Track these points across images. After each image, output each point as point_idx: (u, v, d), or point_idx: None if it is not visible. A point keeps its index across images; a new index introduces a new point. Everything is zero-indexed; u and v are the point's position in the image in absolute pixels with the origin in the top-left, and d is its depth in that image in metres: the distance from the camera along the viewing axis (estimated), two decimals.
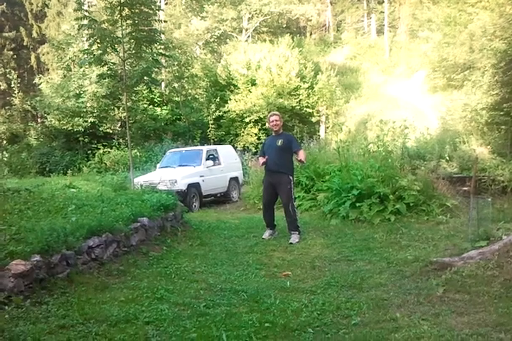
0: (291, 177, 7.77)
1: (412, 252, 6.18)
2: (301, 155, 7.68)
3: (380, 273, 5.41)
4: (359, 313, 4.16)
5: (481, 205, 6.74)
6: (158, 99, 24.63)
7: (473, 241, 5.72)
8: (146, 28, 11.94)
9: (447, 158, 14.32)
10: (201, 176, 12.86)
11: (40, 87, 24.35)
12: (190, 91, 25.90)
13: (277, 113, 8.18)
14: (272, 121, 7.83)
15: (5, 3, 32.98)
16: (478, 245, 5.48)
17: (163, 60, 18.53)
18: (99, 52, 11.65)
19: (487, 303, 4.14)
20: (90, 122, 22.04)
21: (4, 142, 24.99)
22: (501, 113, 15.26)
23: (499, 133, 16.02)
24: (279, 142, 7.67)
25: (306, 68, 26.13)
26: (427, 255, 5.83)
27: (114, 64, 12.35)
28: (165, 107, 24.67)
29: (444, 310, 4.10)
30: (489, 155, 15.12)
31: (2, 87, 32.25)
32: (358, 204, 8.82)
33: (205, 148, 14.51)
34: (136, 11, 11.42)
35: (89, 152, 22.15)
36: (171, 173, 12.45)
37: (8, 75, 27.56)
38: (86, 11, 12.32)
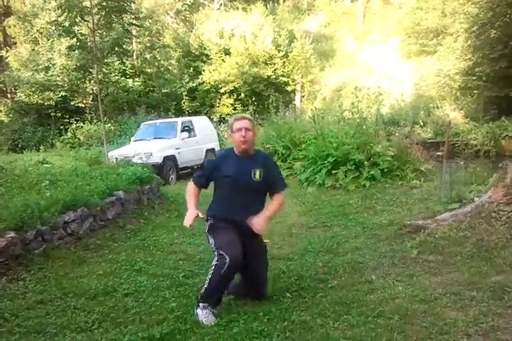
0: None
1: (387, 216, 6.29)
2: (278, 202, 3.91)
3: (356, 238, 5.51)
4: (335, 277, 4.24)
5: (454, 169, 6.87)
6: (130, 70, 24.13)
7: (445, 204, 5.84)
8: None
9: (421, 123, 14.49)
10: (177, 148, 12.74)
11: (7, 60, 23.63)
12: (162, 62, 25.40)
13: (248, 116, 4.06)
14: (240, 130, 3.78)
15: None
16: (451, 207, 5.59)
17: (134, 31, 18.09)
18: (67, 23, 11.32)
19: (460, 263, 4.26)
20: (61, 96, 21.57)
21: None
22: (474, 78, 15.41)
23: (472, 98, 16.21)
24: (257, 174, 3.76)
25: (280, 36, 25.82)
26: (401, 219, 5.94)
27: (83, 35, 12.02)
28: (137, 79, 24.22)
29: (418, 271, 4.20)
30: (462, 119, 15.35)
31: None
32: (333, 172, 8.90)
33: (179, 119, 14.33)
34: None
35: (62, 127, 21.78)
36: (146, 146, 12.31)
37: None
38: None
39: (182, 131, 13.22)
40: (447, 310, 3.37)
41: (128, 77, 23.94)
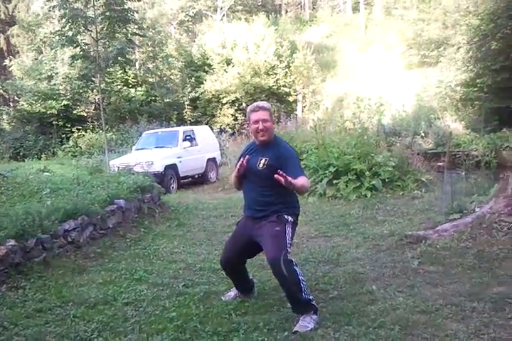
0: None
1: (388, 227, 6.27)
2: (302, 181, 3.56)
3: (357, 248, 5.48)
4: (336, 287, 4.21)
5: (455, 179, 6.87)
6: (133, 80, 24.29)
7: (447, 214, 5.83)
8: (119, 8, 11.70)
9: (422, 134, 14.50)
10: (178, 157, 12.75)
11: (10, 69, 23.79)
12: (164, 72, 25.56)
13: (266, 105, 3.80)
14: (256, 122, 3.67)
15: None
16: (452, 218, 5.58)
17: (137, 41, 18.23)
18: (71, 33, 11.41)
19: (461, 274, 4.24)
20: (64, 105, 21.69)
21: None
22: (475, 89, 15.49)
23: (473, 109, 16.28)
24: (261, 162, 3.66)
25: (282, 47, 26.00)
26: (402, 229, 5.93)
27: (86, 45, 12.11)
28: (139, 88, 24.36)
29: (419, 281, 4.18)
30: (463, 130, 15.39)
31: None
32: (334, 182, 8.89)
33: (181, 129, 14.37)
34: None
35: (64, 136, 21.87)
36: (148, 155, 12.33)
37: None
38: None
39: (183, 140, 13.26)
40: (448, 321, 3.34)
41: (130, 86, 24.10)
